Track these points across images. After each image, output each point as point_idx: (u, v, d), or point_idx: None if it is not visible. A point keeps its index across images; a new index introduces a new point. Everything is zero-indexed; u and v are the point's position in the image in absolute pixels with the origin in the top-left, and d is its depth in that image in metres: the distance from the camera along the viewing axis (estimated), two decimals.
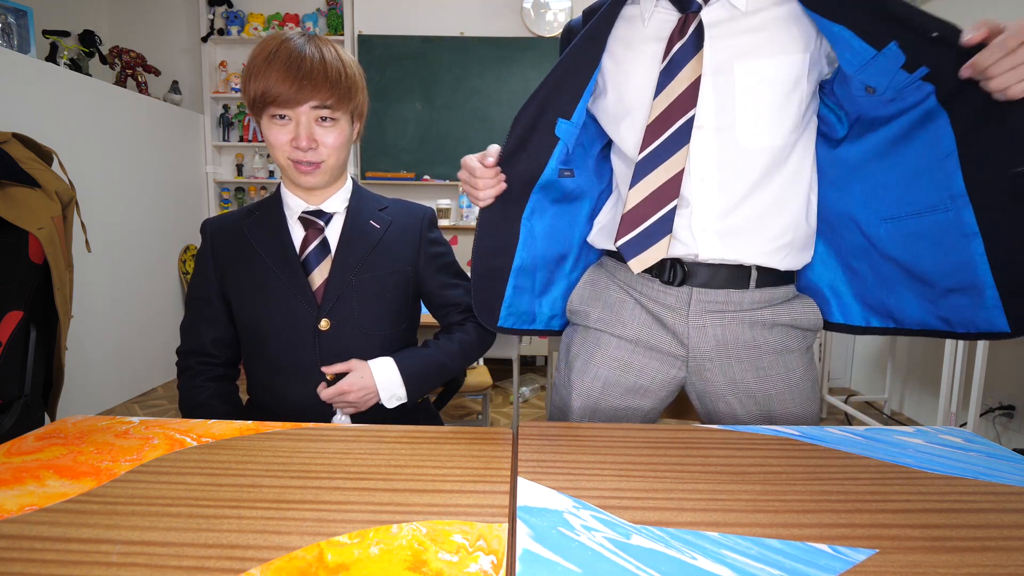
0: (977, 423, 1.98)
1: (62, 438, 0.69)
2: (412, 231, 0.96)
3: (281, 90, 0.80)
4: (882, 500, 0.55)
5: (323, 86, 0.81)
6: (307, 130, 0.83)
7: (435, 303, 1.01)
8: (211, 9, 3.54)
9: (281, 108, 0.82)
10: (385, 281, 0.93)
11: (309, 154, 0.84)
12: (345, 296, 0.90)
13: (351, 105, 0.87)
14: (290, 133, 0.83)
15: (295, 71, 0.80)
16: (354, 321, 0.90)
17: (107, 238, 2.65)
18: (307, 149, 0.83)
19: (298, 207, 0.91)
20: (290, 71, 0.80)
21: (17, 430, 1.25)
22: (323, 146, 0.85)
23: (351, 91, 0.85)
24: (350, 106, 0.86)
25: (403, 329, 0.97)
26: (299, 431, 0.72)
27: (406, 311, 0.97)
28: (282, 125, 0.83)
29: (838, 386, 3.25)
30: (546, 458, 0.64)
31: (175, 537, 0.48)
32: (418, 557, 0.46)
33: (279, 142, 0.84)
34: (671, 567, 0.45)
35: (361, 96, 0.89)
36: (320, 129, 0.84)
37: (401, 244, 0.95)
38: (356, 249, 0.91)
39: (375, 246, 0.92)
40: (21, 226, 1.26)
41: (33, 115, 2.22)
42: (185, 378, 0.94)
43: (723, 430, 0.73)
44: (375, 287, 0.92)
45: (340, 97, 0.84)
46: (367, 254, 0.92)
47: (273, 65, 0.80)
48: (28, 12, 2.37)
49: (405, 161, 3.56)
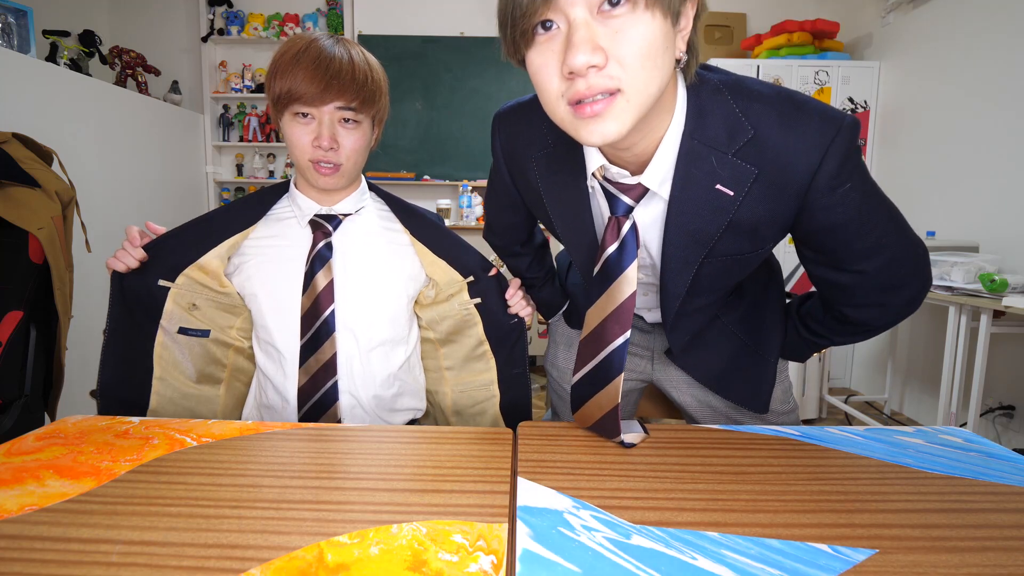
0: (977, 423, 1.98)
1: (62, 438, 0.69)
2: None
3: (307, 88, 0.80)
4: (882, 500, 0.55)
5: (349, 87, 0.81)
6: (330, 129, 0.83)
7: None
8: (211, 9, 3.54)
9: (305, 106, 0.81)
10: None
11: (330, 154, 0.84)
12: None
13: (374, 109, 0.87)
14: (312, 132, 0.83)
15: (323, 70, 0.80)
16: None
17: (107, 238, 2.65)
18: (328, 149, 0.83)
19: (310, 209, 0.91)
20: (318, 70, 0.80)
21: (17, 430, 1.25)
22: (343, 148, 0.85)
23: (375, 95, 0.86)
24: (373, 110, 0.86)
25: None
26: (299, 431, 0.72)
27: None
28: (304, 124, 0.83)
29: (838, 386, 3.25)
30: (546, 458, 0.64)
31: (175, 537, 0.48)
32: (418, 557, 0.45)
33: (301, 141, 0.83)
34: (671, 567, 0.45)
35: (384, 101, 0.89)
36: (342, 130, 0.84)
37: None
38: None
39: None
40: (21, 226, 1.25)
41: (33, 115, 2.22)
42: None
43: (723, 430, 0.73)
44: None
45: (364, 99, 0.84)
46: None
47: (300, 63, 0.80)
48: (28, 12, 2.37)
49: (405, 161, 3.55)
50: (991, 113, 2.32)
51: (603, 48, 0.50)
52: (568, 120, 0.55)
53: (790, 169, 0.60)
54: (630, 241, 0.67)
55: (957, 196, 2.49)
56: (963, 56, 2.47)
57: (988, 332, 1.89)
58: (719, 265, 0.70)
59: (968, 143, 2.43)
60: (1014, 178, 2.21)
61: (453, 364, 1.00)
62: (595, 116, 0.53)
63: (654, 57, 0.51)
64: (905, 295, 0.72)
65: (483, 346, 0.98)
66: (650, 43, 0.51)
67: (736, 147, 0.61)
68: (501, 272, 0.97)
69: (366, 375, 0.92)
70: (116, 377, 0.87)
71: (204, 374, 0.94)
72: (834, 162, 0.59)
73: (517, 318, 0.96)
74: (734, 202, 0.63)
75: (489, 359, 0.98)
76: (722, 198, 0.64)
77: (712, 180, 0.63)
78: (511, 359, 0.98)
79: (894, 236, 0.67)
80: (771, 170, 0.61)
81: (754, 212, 0.64)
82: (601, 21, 0.50)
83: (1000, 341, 2.21)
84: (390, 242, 0.95)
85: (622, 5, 0.49)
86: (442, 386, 1.01)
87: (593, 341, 0.70)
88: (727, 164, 0.62)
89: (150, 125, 3.01)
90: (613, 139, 0.54)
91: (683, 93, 0.62)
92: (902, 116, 2.85)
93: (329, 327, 0.89)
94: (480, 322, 0.97)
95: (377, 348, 0.92)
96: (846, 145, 0.59)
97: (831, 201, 0.62)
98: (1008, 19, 2.25)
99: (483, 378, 0.99)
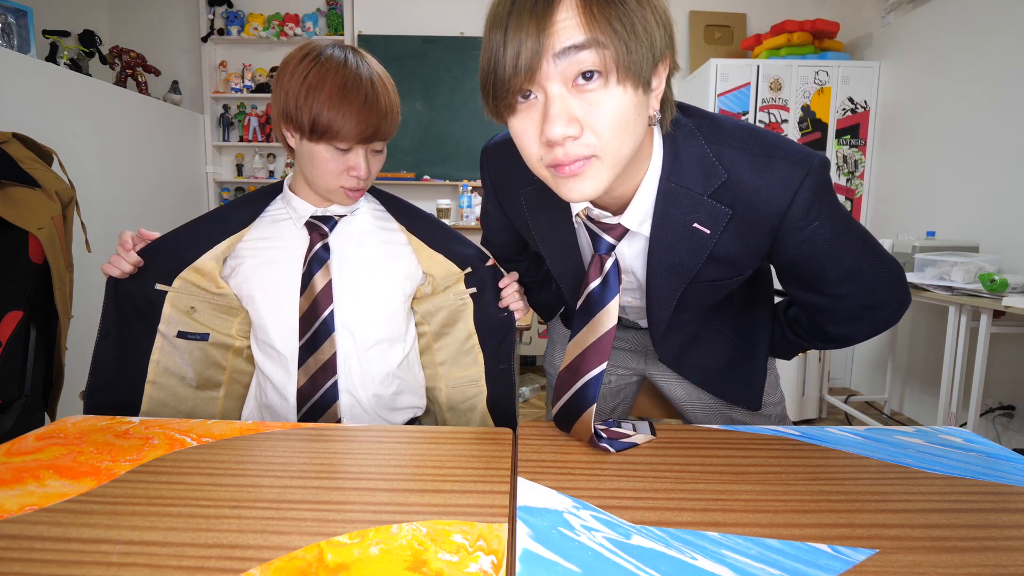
0: (977, 423, 1.98)
1: (62, 438, 0.69)
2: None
3: (357, 131, 0.80)
4: (882, 500, 0.55)
5: (389, 127, 0.84)
6: (366, 161, 0.84)
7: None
8: (211, 9, 3.54)
9: (347, 143, 0.82)
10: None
11: (361, 183, 0.86)
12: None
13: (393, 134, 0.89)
14: (346, 163, 0.83)
15: (370, 113, 0.80)
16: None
17: (107, 238, 2.64)
18: (364, 179, 0.85)
19: (306, 211, 0.92)
20: (368, 112, 0.80)
21: (17, 430, 1.25)
22: (372, 173, 0.87)
23: (398, 122, 0.88)
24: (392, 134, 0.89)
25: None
26: (299, 431, 0.72)
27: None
28: (341, 154, 0.83)
29: (838, 386, 3.25)
30: (546, 458, 0.64)
31: (175, 537, 0.48)
32: (418, 557, 0.45)
33: (333, 169, 0.84)
34: (671, 567, 0.45)
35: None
36: (371, 156, 0.86)
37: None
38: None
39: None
40: (21, 226, 1.25)
41: (33, 115, 2.22)
42: None
43: (723, 430, 0.73)
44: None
45: (391, 130, 0.86)
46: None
47: (348, 102, 0.78)
48: (28, 12, 2.37)
49: (405, 161, 3.56)
50: (991, 113, 2.32)
51: (578, 119, 0.53)
52: (549, 179, 0.58)
53: (762, 210, 0.64)
54: (612, 277, 0.69)
55: (957, 196, 2.49)
56: (963, 56, 2.47)
57: (988, 332, 1.89)
58: (701, 290, 0.74)
59: (968, 143, 2.43)
60: (1014, 178, 2.21)
61: (446, 359, 1.01)
62: (573, 175, 0.55)
63: (626, 125, 0.54)
64: (884, 314, 0.75)
65: (472, 339, 0.99)
66: (621, 114, 0.53)
67: (711, 190, 0.64)
68: (498, 264, 0.97)
69: (364, 374, 0.92)
70: (106, 381, 0.87)
71: (204, 378, 0.94)
72: (803, 203, 0.62)
73: (508, 312, 0.96)
74: (711, 239, 0.67)
75: (477, 353, 0.99)
76: (699, 235, 0.67)
77: (690, 219, 0.66)
78: (498, 354, 0.98)
79: (868, 263, 0.71)
80: (744, 210, 0.64)
81: (730, 247, 0.68)
82: (576, 94, 0.52)
83: (1000, 341, 2.22)
84: (386, 241, 0.95)
85: (595, 80, 0.52)
86: (438, 382, 1.02)
87: (571, 372, 0.71)
88: (703, 205, 0.65)
89: (150, 125, 3.01)
90: (590, 197, 0.57)
91: (659, 140, 0.65)
92: (902, 116, 2.85)
93: (328, 327, 0.89)
94: (472, 312, 0.98)
95: (374, 347, 0.93)
96: (815, 186, 0.62)
97: (801, 238, 0.65)
98: (1008, 19, 2.25)
99: (472, 373, 1.00)
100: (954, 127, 2.51)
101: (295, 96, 0.80)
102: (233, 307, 0.94)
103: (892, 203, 2.93)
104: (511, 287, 0.96)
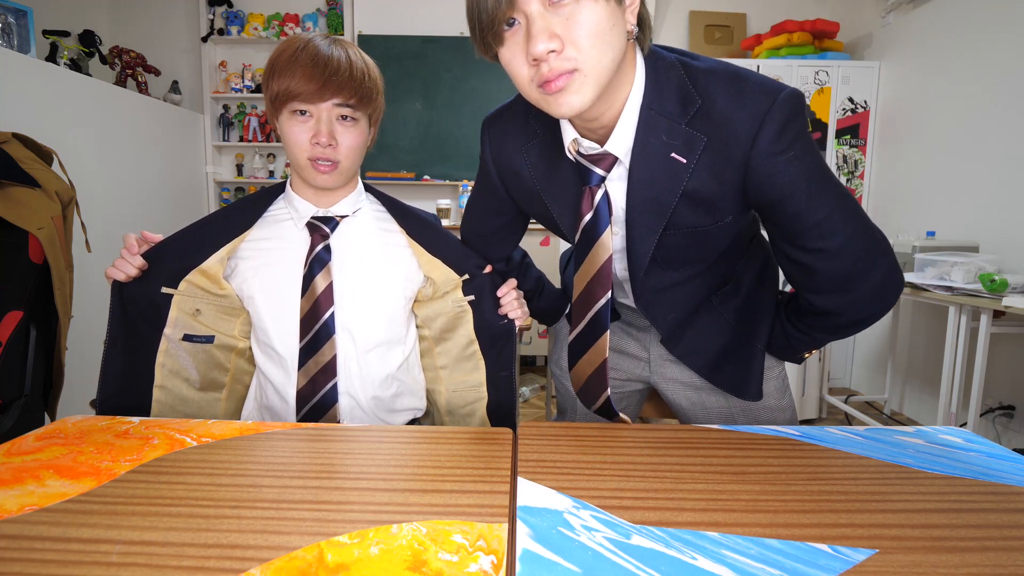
0: (977, 423, 1.98)
1: (62, 438, 0.69)
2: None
3: (305, 86, 0.80)
4: (882, 500, 0.55)
5: (347, 84, 0.82)
6: (328, 126, 0.83)
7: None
8: (211, 9, 3.54)
9: (303, 103, 0.82)
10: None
11: (328, 151, 0.84)
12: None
13: (371, 107, 0.87)
14: (311, 130, 0.83)
15: (320, 68, 0.80)
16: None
17: (107, 238, 2.64)
18: (327, 145, 0.84)
19: (307, 211, 0.91)
20: (316, 68, 0.80)
21: (17, 430, 1.25)
22: (342, 146, 0.85)
23: (372, 93, 0.86)
24: (370, 108, 0.87)
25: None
26: (299, 431, 0.72)
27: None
28: (303, 122, 0.83)
29: (838, 386, 3.25)
30: (546, 458, 0.64)
31: (175, 537, 0.48)
32: (418, 557, 0.45)
33: (299, 139, 0.84)
34: (671, 567, 0.45)
35: (380, 100, 0.90)
36: (340, 128, 0.85)
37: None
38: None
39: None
40: (21, 226, 1.25)
41: (33, 115, 2.22)
42: None
43: (723, 430, 0.73)
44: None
45: (362, 97, 0.84)
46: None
47: (298, 62, 0.81)
48: (28, 12, 2.37)
49: (405, 161, 3.55)
50: (991, 113, 2.32)
51: (558, 34, 0.58)
52: (540, 99, 0.63)
53: (733, 137, 0.66)
54: (603, 208, 0.74)
55: (957, 196, 2.49)
56: (963, 56, 2.47)
57: (988, 332, 1.89)
58: (681, 237, 0.76)
59: (968, 143, 2.43)
60: (1014, 178, 2.21)
61: (447, 363, 1.01)
62: (560, 91, 0.61)
63: (603, 35, 0.59)
64: (869, 285, 0.74)
65: (473, 345, 0.99)
66: (597, 23, 0.58)
67: (688, 117, 0.67)
68: (496, 272, 0.97)
69: (364, 376, 0.92)
70: (116, 387, 0.87)
71: (208, 379, 0.94)
72: (772, 129, 0.64)
73: (508, 320, 0.96)
74: (687, 169, 0.69)
75: (479, 360, 0.99)
76: (676, 166, 0.70)
77: (668, 149, 0.69)
78: (500, 361, 0.98)
79: (847, 219, 0.71)
80: (717, 138, 0.67)
81: (706, 185, 0.70)
82: (554, 12, 0.58)
83: (1000, 341, 2.22)
84: (387, 243, 0.95)
85: None
86: (438, 384, 1.02)
87: (582, 302, 0.78)
88: (680, 133, 0.68)
89: (150, 125, 3.01)
90: (579, 109, 0.62)
91: (641, 65, 0.69)
92: (902, 116, 2.85)
93: (329, 329, 0.89)
94: (472, 319, 0.97)
95: (374, 349, 0.92)
96: (782, 115, 0.64)
97: (772, 168, 0.66)
98: (1008, 19, 2.25)
99: (473, 378, 0.99)
100: (954, 127, 2.51)
101: (265, 78, 0.84)
102: (235, 308, 0.94)
103: (892, 203, 2.93)
104: (510, 295, 0.96)
